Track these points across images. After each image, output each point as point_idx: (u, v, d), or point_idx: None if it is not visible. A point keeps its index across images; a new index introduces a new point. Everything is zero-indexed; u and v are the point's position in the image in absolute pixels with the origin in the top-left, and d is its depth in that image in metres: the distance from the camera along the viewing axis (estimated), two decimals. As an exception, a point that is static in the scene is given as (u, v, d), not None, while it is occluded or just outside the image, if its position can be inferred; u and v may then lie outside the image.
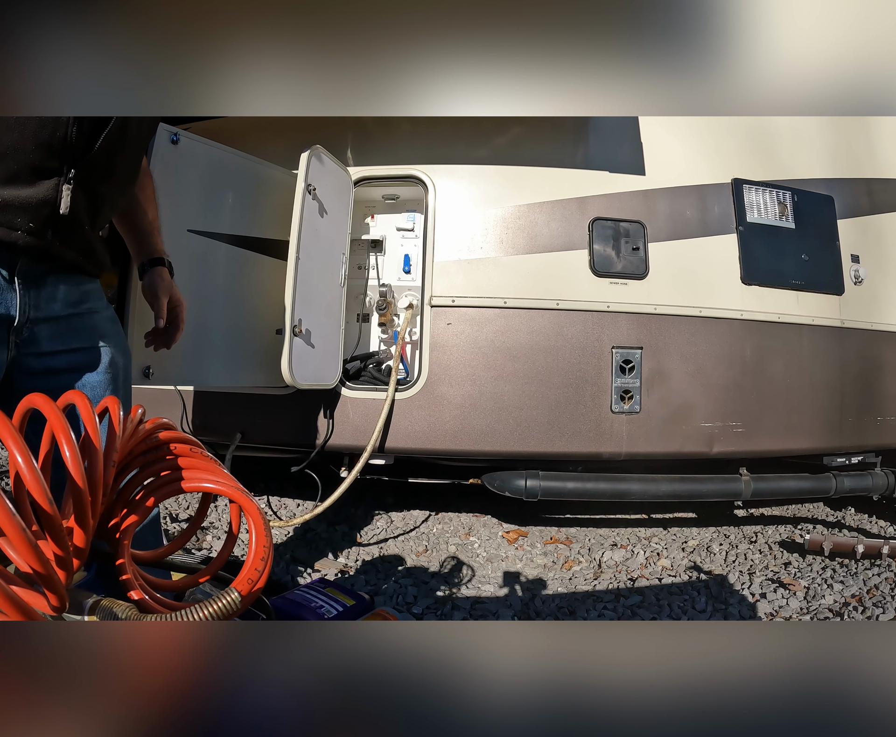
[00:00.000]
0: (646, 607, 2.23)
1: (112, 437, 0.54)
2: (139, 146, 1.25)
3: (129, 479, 0.61)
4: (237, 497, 0.58)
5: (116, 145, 1.11)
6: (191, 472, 0.60)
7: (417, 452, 2.64)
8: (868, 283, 2.99)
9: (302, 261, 2.20)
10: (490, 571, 2.59)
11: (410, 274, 2.91)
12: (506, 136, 2.73)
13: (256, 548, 0.56)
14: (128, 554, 0.58)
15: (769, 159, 2.93)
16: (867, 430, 3.00)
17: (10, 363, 1.04)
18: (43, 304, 1.08)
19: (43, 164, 1.00)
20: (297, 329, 2.18)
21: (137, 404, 0.62)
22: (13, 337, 1.03)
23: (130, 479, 0.61)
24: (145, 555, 0.67)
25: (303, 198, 2.20)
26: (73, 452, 0.46)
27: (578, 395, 2.59)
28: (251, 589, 0.54)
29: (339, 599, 1.88)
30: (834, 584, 2.37)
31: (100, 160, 1.08)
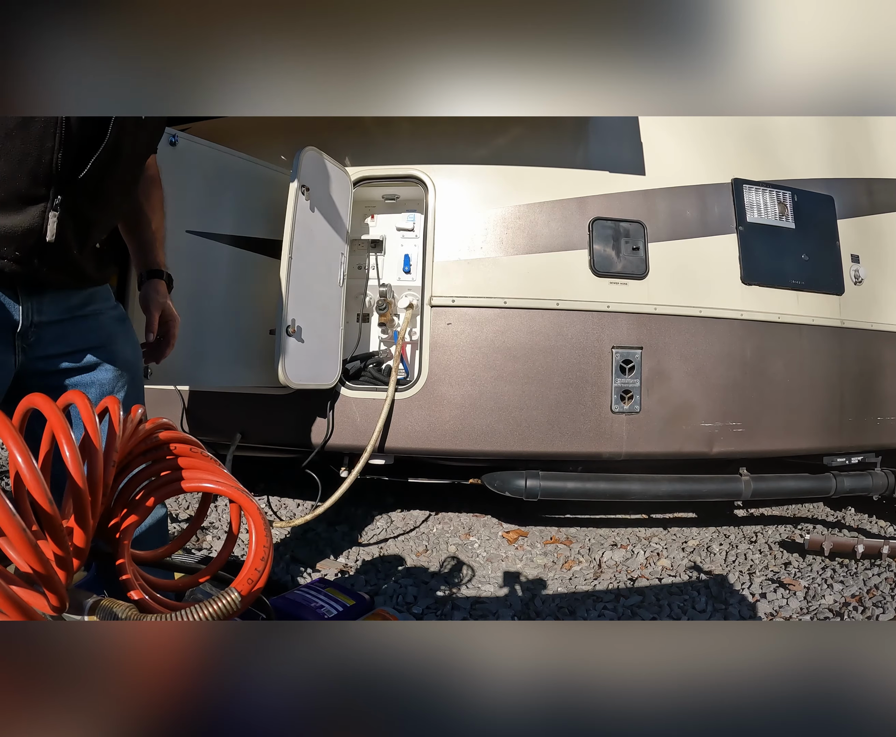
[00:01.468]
0: (646, 607, 2.23)
1: (112, 437, 0.54)
2: (134, 165, 1.23)
3: (130, 479, 0.61)
4: (237, 497, 0.58)
5: (107, 169, 1.09)
6: (191, 472, 0.60)
7: (417, 452, 2.64)
8: (868, 283, 2.99)
9: (296, 261, 2.20)
10: (490, 571, 2.59)
11: (410, 274, 2.91)
12: (506, 136, 2.73)
13: (256, 548, 0.56)
14: (128, 554, 0.58)
15: (769, 159, 2.93)
16: (867, 430, 3.00)
17: (19, 368, 1.06)
18: (46, 308, 1.09)
19: (29, 191, 0.99)
20: (291, 329, 2.18)
21: (137, 404, 0.62)
22: (20, 342, 1.05)
23: (130, 479, 0.61)
24: (145, 555, 0.67)
25: (295, 198, 2.20)
26: (73, 452, 0.46)
27: (578, 395, 2.59)
28: (251, 589, 0.54)
29: (339, 599, 1.88)
30: (834, 584, 2.37)
31: (89, 185, 1.07)
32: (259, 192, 2.38)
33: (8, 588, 0.39)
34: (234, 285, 2.29)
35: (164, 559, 0.71)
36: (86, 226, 1.11)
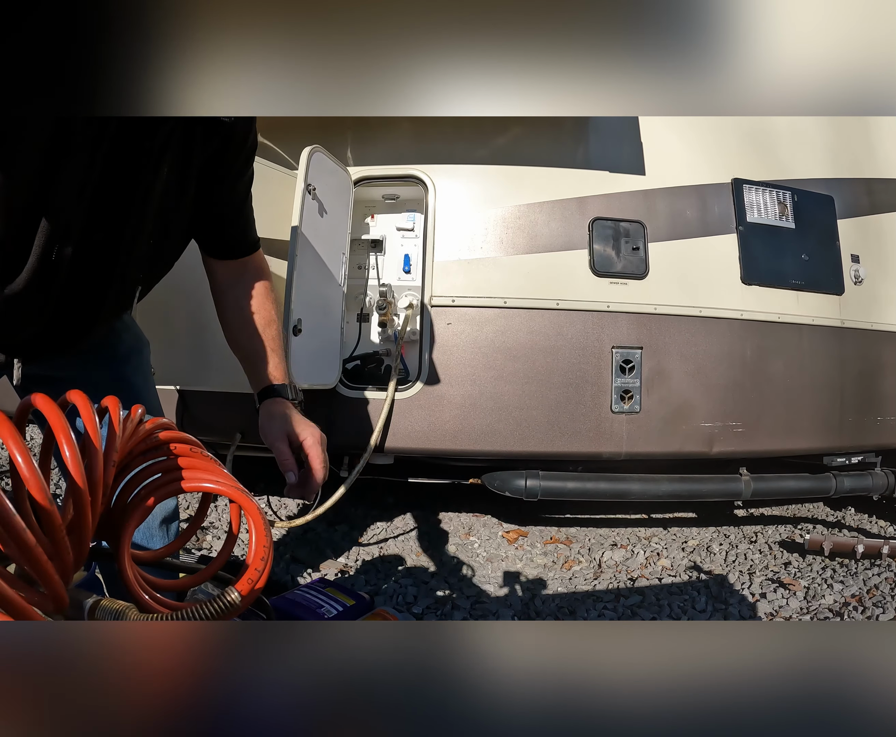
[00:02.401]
0: (646, 607, 2.23)
1: (112, 436, 0.54)
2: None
3: (130, 478, 0.61)
4: (237, 497, 0.58)
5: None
6: (191, 472, 0.60)
7: (417, 452, 2.64)
8: (868, 283, 2.99)
9: (301, 261, 2.20)
10: (490, 571, 2.59)
11: (410, 274, 2.91)
12: (506, 136, 2.73)
13: (256, 548, 0.56)
14: (128, 554, 0.58)
15: (769, 159, 2.93)
16: (867, 430, 3.00)
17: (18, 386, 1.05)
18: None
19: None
20: (297, 329, 2.18)
21: (137, 404, 0.62)
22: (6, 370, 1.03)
23: (131, 478, 0.61)
24: (145, 555, 0.67)
25: (302, 198, 2.20)
26: (74, 451, 0.46)
27: (578, 395, 2.59)
28: (251, 588, 0.54)
29: (339, 599, 1.88)
30: (834, 584, 2.37)
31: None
32: (261, 191, 2.37)
33: (7, 588, 0.39)
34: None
35: (165, 560, 0.71)
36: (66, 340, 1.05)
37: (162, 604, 0.58)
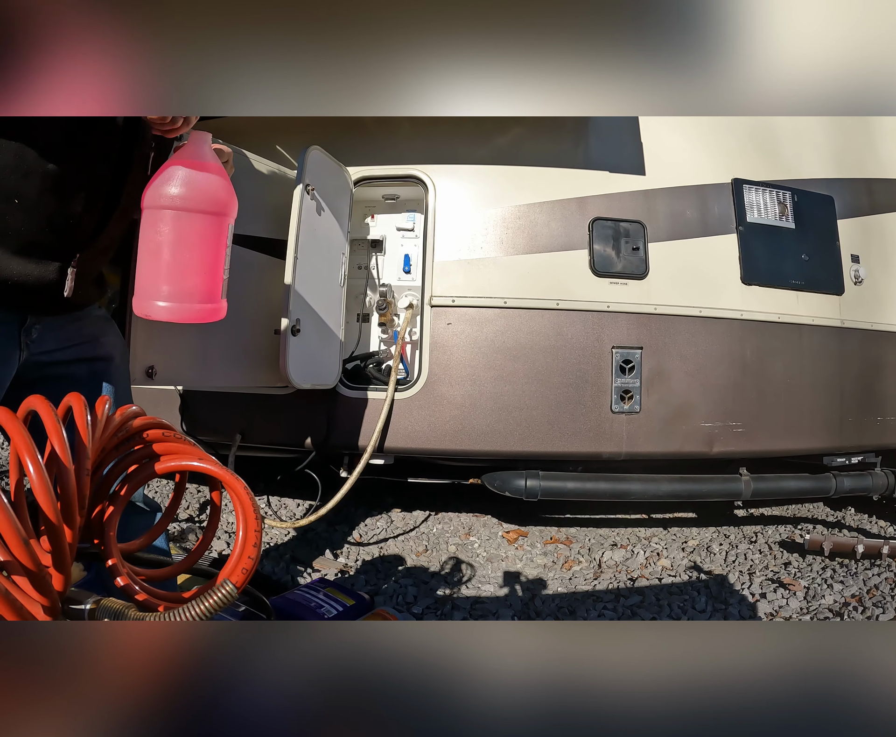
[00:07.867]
0: (646, 607, 2.23)
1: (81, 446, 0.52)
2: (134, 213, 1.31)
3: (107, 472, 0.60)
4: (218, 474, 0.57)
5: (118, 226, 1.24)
6: (167, 456, 0.60)
7: (417, 452, 2.64)
8: (868, 283, 2.99)
9: (300, 261, 2.20)
10: (490, 571, 2.59)
11: (410, 274, 2.91)
12: (506, 136, 2.73)
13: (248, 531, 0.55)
14: (115, 546, 0.58)
15: (769, 159, 2.93)
16: (867, 430, 3.00)
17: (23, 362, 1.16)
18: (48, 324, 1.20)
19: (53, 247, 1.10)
20: (296, 329, 2.18)
21: (103, 397, 0.60)
22: (24, 338, 1.15)
23: (107, 472, 0.61)
24: (130, 546, 0.66)
25: (301, 197, 2.20)
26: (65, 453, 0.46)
27: (578, 395, 2.59)
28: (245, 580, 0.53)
29: (339, 599, 1.88)
30: (834, 584, 2.37)
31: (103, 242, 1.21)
32: (261, 190, 2.37)
33: (6, 588, 0.39)
34: (237, 285, 2.29)
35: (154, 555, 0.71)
36: (94, 275, 1.25)
37: (157, 597, 0.58)
